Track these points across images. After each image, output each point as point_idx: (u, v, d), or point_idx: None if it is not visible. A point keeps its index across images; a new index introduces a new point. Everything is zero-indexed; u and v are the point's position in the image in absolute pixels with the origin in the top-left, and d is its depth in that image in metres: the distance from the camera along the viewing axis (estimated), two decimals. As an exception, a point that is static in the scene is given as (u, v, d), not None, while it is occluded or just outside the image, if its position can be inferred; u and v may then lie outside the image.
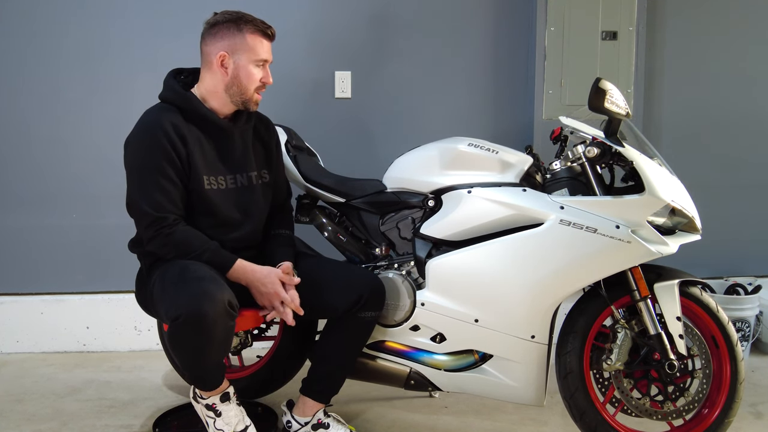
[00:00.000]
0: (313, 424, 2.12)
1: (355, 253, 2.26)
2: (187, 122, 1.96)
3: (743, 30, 3.12)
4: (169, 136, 1.91)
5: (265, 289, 1.95)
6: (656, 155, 2.06)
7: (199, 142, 1.97)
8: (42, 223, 2.94)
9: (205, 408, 1.97)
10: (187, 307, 1.74)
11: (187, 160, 1.94)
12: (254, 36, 1.97)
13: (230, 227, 2.02)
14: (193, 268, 1.85)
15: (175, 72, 2.07)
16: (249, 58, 1.97)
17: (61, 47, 2.87)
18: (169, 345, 1.85)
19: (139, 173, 1.93)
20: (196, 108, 1.97)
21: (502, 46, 3.02)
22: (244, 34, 1.96)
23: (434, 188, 2.12)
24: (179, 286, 1.81)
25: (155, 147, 1.90)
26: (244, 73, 1.97)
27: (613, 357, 2.00)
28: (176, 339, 1.82)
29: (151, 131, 1.92)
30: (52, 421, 2.33)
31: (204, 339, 1.78)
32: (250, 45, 1.96)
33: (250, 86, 1.99)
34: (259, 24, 1.98)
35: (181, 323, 1.76)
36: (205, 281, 1.79)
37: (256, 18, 1.99)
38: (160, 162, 1.90)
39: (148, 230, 1.92)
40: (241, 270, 1.95)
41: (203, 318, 1.74)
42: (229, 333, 1.84)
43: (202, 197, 1.97)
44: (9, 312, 2.96)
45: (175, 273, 1.86)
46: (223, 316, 1.77)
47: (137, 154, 1.94)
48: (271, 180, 2.14)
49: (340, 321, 2.05)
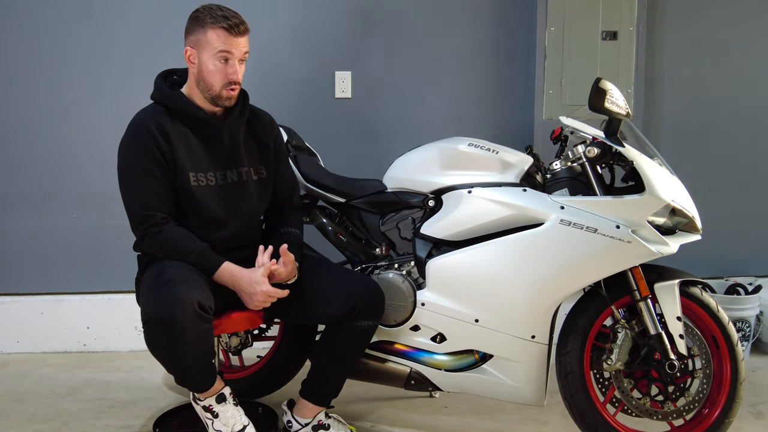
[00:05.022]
0: (313, 425, 2.11)
1: (356, 253, 2.26)
2: (174, 120, 1.96)
3: (743, 30, 3.12)
4: (153, 134, 1.91)
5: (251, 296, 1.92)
6: (656, 155, 2.07)
7: (185, 138, 1.97)
8: (42, 223, 2.94)
9: (202, 410, 1.97)
10: (156, 312, 1.75)
11: (171, 157, 1.93)
12: (213, 29, 1.91)
13: (217, 226, 2.00)
14: (169, 271, 1.83)
15: (166, 72, 2.07)
16: (209, 53, 1.92)
17: (64, 48, 2.86)
18: (148, 348, 1.84)
19: (127, 173, 1.94)
20: (182, 105, 1.97)
21: (502, 46, 3.02)
22: (206, 28, 1.92)
23: (434, 188, 2.12)
24: (152, 290, 1.81)
25: (140, 146, 1.92)
26: (205, 68, 1.93)
27: (613, 357, 2.00)
28: (149, 343, 1.82)
29: (137, 132, 1.94)
30: (53, 421, 2.33)
31: (175, 343, 1.77)
32: (209, 38, 1.91)
33: (214, 82, 1.94)
34: (220, 18, 1.90)
35: (151, 328, 1.77)
36: (174, 284, 1.77)
37: (223, 11, 1.92)
38: (145, 161, 1.91)
39: (138, 229, 1.93)
40: (228, 274, 1.93)
41: (171, 322, 1.73)
42: (204, 335, 1.81)
43: (189, 194, 1.96)
44: (9, 312, 2.96)
45: (153, 275, 1.86)
46: (193, 320, 1.75)
47: (125, 155, 1.95)
48: (269, 177, 2.12)
49: (337, 328, 2.03)
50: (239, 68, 1.96)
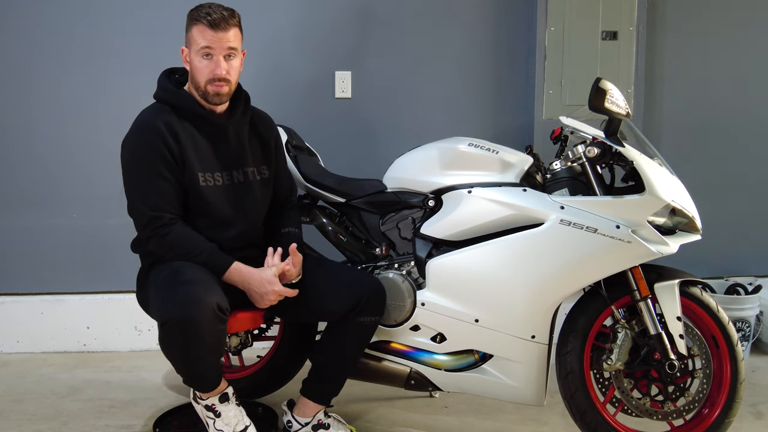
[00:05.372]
0: (313, 425, 2.12)
1: (356, 253, 2.26)
2: (181, 119, 1.96)
3: (743, 30, 3.12)
4: (162, 134, 1.90)
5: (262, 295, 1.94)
6: (656, 155, 2.07)
7: (193, 138, 1.97)
8: (42, 223, 2.94)
9: (204, 409, 1.97)
10: (175, 313, 1.75)
11: (180, 157, 1.93)
12: (197, 26, 1.91)
13: (226, 226, 2.01)
14: (184, 271, 1.84)
15: (169, 71, 2.07)
16: (194, 50, 1.93)
17: (64, 47, 2.86)
18: (161, 348, 1.85)
19: (134, 173, 1.93)
20: (189, 105, 1.97)
21: (502, 46, 3.02)
22: (192, 26, 1.93)
23: (434, 188, 2.12)
24: (169, 290, 1.81)
25: (148, 146, 1.90)
26: (193, 65, 1.95)
27: (613, 357, 2.00)
28: (166, 343, 1.82)
29: (144, 130, 1.93)
30: (53, 421, 2.33)
31: (193, 343, 1.78)
32: (194, 36, 1.92)
33: (200, 79, 1.94)
34: (203, 14, 1.90)
35: (169, 328, 1.76)
36: (193, 284, 1.78)
37: (210, 7, 1.91)
38: (154, 161, 1.90)
39: (145, 230, 1.92)
40: (237, 274, 1.94)
41: (191, 323, 1.74)
42: (220, 336, 1.84)
43: (198, 195, 1.96)
44: (9, 312, 2.96)
45: (167, 276, 1.86)
46: (212, 321, 1.76)
47: (131, 154, 1.94)
48: (270, 176, 2.13)
49: (340, 325, 2.04)
50: (225, 63, 1.92)
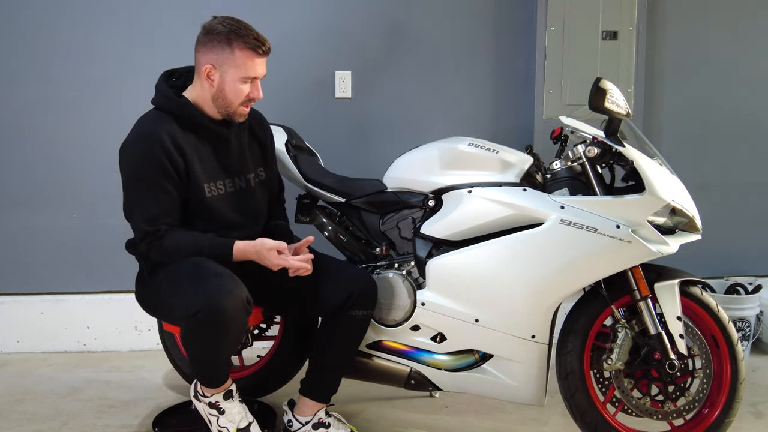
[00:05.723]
0: (314, 424, 2.12)
1: (356, 253, 2.26)
2: (184, 130, 1.94)
3: (743, 30, 3.11)
4: (166, 149, 1.88)
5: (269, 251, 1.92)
6: (656, 155, 2.07)
7: (197, 149, 1.96)
8: (42, 224, 2.94)
9: (207, 406, 1.98)
10: (206, 303, 1.75)
11: (185, 172, 1.92)
12: (244, 52, 1.90)
13: (231, 230, 2.02)
14: (208, 265, 1.86)
15: (167, 75, 2.04)
16: (236, 74, 1.91)
17: (56, 47, 2.86)
18: (184, 342, 1.87)
19: (135, 184, 1.92)
20: (192, 115, 1.95)
21: (502, 46, 3.02)
22: (234, 49, 1.89)
23: (434, 188, 2.12)
24: (196, 283, 1.81)
25: (152, 159, 1.88)
26: (229, 88, 1.92)
27: (613, 357, 2.00)
28: (193, 335, 1.84)
29: (148, 141, 1.89)
30: (53, 421, 2.33)
31: (221, 335, 1.81)
32: (238, 62, 1.90)
33: (234, 101, 1.94)
34: (251, 41, 1.89)
35: (199, 319, 1.76)
36: (222, 277, 1.81)
37: (251, 32, 1.91)
38: (156, 174, 1.89)
39: (142, 243, 1.94)
40: (242, 250, 1.93)
41: (223, 313, 1.76)
42: (243, 329, 1.88)
43: (204, 205, 1.97)
44: (9, 312, 2.96)
45: (189, 269, 1.86)
46: (241, 312, 1.80)
47: (133, 164, 1.92)
48: (267, 177, 2.15)
49: (333, 319, 2.05)
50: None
